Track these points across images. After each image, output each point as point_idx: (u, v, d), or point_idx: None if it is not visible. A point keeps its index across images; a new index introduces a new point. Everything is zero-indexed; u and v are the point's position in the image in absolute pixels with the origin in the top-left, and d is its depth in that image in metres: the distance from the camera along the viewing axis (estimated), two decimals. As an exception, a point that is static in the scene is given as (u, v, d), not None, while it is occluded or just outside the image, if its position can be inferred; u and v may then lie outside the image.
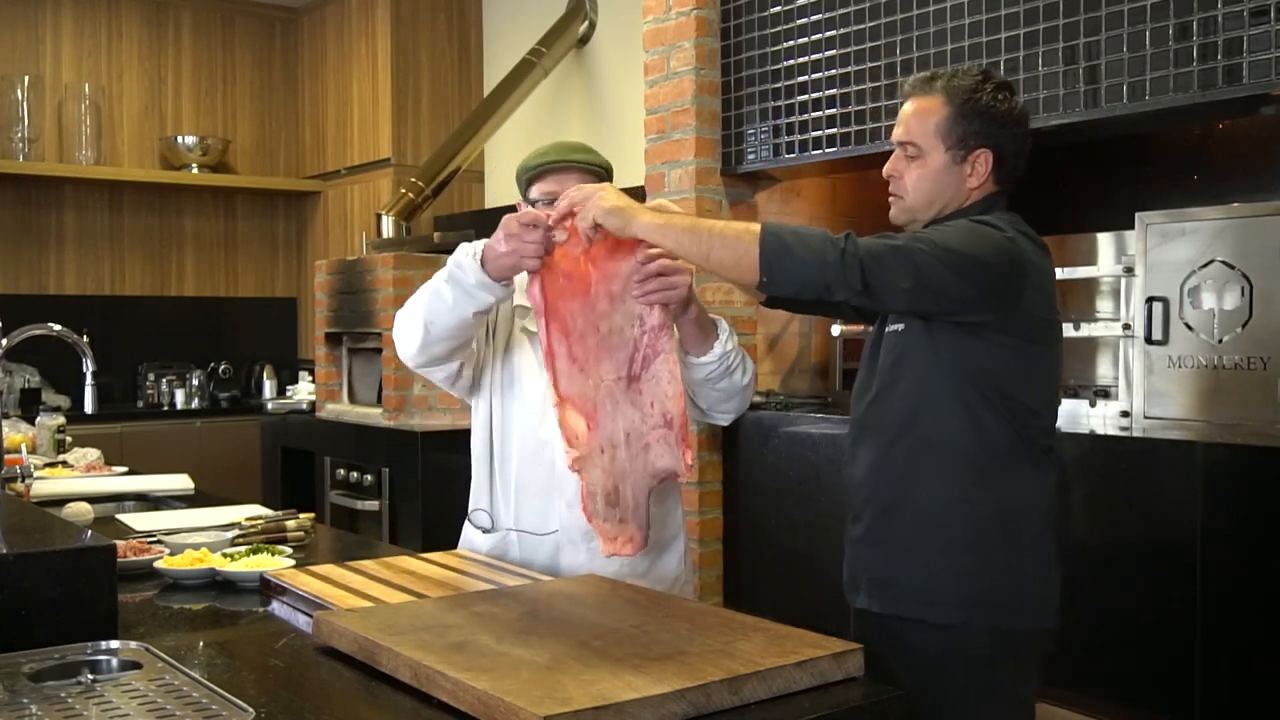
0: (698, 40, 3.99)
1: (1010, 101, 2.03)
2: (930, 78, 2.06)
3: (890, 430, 2.00)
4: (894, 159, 2.08)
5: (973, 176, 2.02)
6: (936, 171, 2.03)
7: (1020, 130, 2.04)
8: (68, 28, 6.23)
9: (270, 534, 2.44)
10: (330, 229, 6.62)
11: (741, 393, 2.18)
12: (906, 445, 1.98)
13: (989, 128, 2.01)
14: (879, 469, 2.02)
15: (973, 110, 2.00)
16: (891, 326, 2.02)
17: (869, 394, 2.06)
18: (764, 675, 1.42)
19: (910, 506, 1.98)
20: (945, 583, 1.94)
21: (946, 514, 1.94)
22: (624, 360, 1.88)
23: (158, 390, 6.40)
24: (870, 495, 2.04)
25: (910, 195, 2.06)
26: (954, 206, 2.04)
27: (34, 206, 6.22)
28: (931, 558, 1.95)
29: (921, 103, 2.04)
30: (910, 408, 1.97)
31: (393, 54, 5.99)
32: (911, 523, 1.98)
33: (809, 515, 3.57)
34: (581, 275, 1.88)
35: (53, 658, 1.54)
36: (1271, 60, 2.67)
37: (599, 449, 1.87)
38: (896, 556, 1.99)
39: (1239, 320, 2.82)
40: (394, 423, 4.88)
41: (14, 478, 3.05)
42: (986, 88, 2.01)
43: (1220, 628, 2.66)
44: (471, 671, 1.41)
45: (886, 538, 2.01)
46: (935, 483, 1.95)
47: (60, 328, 2.93)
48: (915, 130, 2.04)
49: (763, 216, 4.14)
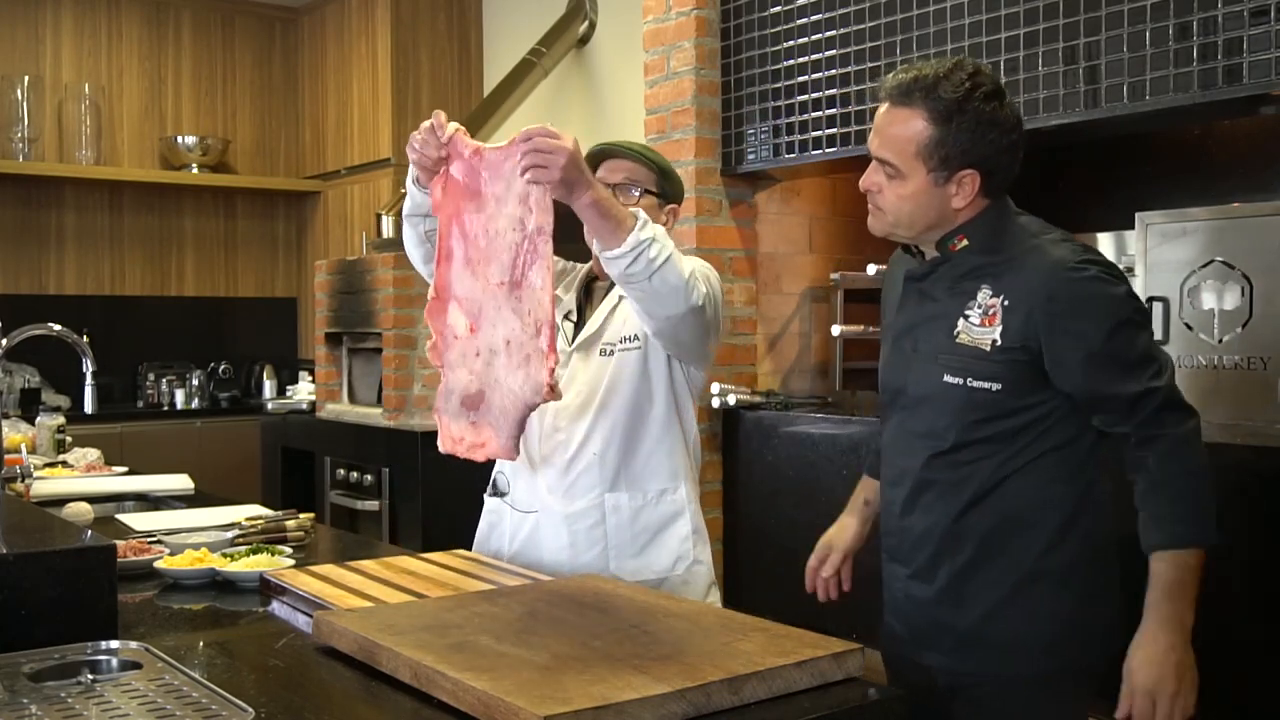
0: (698, 40, 3.99)
1: (1001, 109, 1.82)
2: (909, 86, 1.83)
3: (972, 486, 1.88)
4: (870, 172, 1.89)
5: (958, 196, 1.85)
6: (917, 194, 1.85)
7: (1012, 139, 1.84)
8: (68, 28, 6.22)
9: (270, 534, 2.44)
10: (330, 229, 6.62)
11: (671, 293, 1.95)
12: (995, 503, 1.87)
13: (977, 145, 1.81)
14: (956, 528, 1.90)
15: (959, 128, 1.80)
16: (978, 383, 1.84)
17: (939, 444, 1.89)
18: (764, 675, 1.42)
19: (1000, 560, 1.88)
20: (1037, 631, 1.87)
21: (1040, 563, 1.87)
22: (507, 264, 1.85)
23: (158, 390, 6.39)
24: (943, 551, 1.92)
25: (891, 213, 1.89)
26: (944, 224, 1.89)
27: (34, 206, 6.22)
28: (1027, 608, 1.87)
29: (899, 114, 1.84)
30: (1002, 471, 1.86)
31: (393, 54, 5.98)
32: (997, 579, 1.88)
33: (809, 515, 3.57)
34: (475, 178, 1.88)
35: (53, 658, 1.54)
36: (1271, 60, 2.67)
37: (474, 352, 1.86)
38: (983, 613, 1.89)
39: (1239, 320, 2.82)
40: (394, 423, 4.88)
41: (14, 478, 3.05)
42: (975, 97, 1.80)
43: (1220, 628, 2.66)
44: (471, 671, 1.41)
45: (977, 592, 1.90)
46: (1027, 535, 1.87)
47: (60, 328, 2.93)
48: (891, 147, 1.84)
49: (763, 216, 4.14)
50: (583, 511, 2.22)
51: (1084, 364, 1.78)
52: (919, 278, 1.97)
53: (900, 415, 1.97)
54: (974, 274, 1.88)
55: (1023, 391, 1.82)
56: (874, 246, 4.43)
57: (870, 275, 3.77)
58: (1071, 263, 1.80)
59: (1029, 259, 1.84)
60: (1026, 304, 1.80)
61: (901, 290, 2.03)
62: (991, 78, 1.86)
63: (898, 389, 1.98)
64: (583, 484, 2.23)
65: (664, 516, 2.25)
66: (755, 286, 4.13)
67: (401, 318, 4.95)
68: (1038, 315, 1.79)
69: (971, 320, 1.85)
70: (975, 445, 1.86)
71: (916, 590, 1.95)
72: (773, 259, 4.19)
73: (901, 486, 1.96)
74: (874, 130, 1.89)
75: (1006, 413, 1.83)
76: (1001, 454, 1.85)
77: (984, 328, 1.84)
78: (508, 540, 2.33)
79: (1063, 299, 1.78)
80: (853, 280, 3.98)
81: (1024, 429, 1.84)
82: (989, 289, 1.85)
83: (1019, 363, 1.81)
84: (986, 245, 1.88)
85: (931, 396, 1.90)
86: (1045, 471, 1.85)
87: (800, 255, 4.26)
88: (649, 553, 2.23)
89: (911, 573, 1.96)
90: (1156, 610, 1.75)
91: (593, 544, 2.22)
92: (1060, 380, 1.81)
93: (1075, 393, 1.81)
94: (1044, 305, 1.79)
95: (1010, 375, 1.82)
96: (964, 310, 1.87)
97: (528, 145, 1.79)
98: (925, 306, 1.95)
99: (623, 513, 2.22)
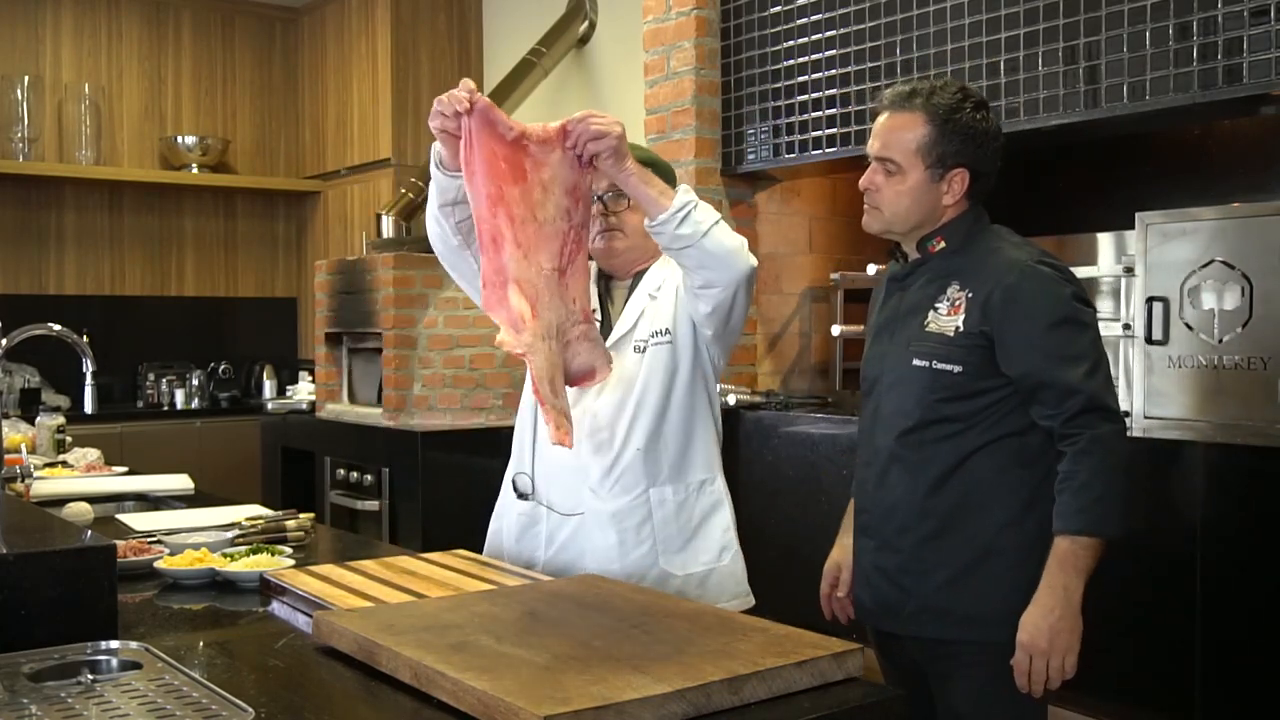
0: (698, 40, 3.99)
1: (988, 120, 2.06)
2: (910, 94, 2.07)
3: (937, 465, 2.04)
4: (871, 172, 2.10)
5: (948, 194, 2.06)
6: (915, 189, 2.06)
7: (995, 146, 2.08)
8: (68, 28, 6.22)
9: (270, 534, 2.44)
10: (330, 229, 6.62)
11: (715, 259, 2.06)
12: (958, 483, 2.03)
13: (968, 147, 2.04)
14: (922, 504, 2.06)
15: (953, 130, 2.03)
16: (941, 365, 2.03)
17: (905, 421, 2.07)
18: (764, 675, 1.42)
19: (961, 535, 2.04)
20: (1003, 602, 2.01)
21: (998, 539, 2.02)
22: (556, 252, 1.90)
23: (158, 390, 6.39)
24: (908, 524, 2.08)
25: (887, 210, 2.09)
26: (930, 222, 2.09)
27: (34, 206, 6.22)
28: (986, 581, 2.03)
29: (900, 119, 2.06)
30: (961, 450, 2.03)
31: (393, 54, 5.98)
32: (965, 549, 2.04)
33: (809, 515, 3.57)
34: (520, 164, 1.89)
35: (53, 658, 1.54)
36: (1271, 60, 2.67)
37: (542, 335, 1.88)
38: (948, 581, 2.05)
39: (1239, 320, 2.82)
40: (394, 423, 4.88)
41: (14, 478, 3.04)
42: (966, 107, 2.04)
43: (1220, 627, 2.67)
44: (471, 671, 1.41)
45: (939, 563, 2.05)
46: (987, 513, 2.03)
47: (60, 328, 2.93)
48: (894, 147, 2.06)
49: (763, 216, 4.14)
50: (629, 509, 2.22)
51: (1024, 351, 1.98)
52: (900, 278, 2.17)
53: (875, 401, 2.16)
54: (946, 272, 2.09)
55: (981, 375, 2.01)
56: (874, 247, 4.44)
57: (870, 275, 3.77)
58: (1028, 262, 2.02)
59: (993, 257, 2.05)
60: (985, 294, 2.01)
61: (885, 291, 2.23)
62: (978, 93, 2.12)
63: (875, 378, 2.17)
64: (626, 481, 2.22)
65: (706, 507, 2.28)
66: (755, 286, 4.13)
67: (401, 318, 4.94)
68: (993, 304, 2.00)
69: (940, 311, 2.06)
70: (938, 424, 2.04)
71: (883, 560, 2.12)
72: (773, 259, 4.19)
73: (873, 466, 2.14)
74: (874, 135, 2.10)
75: (966, 394, 2.02)
76: (962, 435, 2.03)
77: (950, 316, 2.05)
78: (544, 543, 2.29)
79: (1014, 291, 1.99)
80: (852, 280, 3.98)
81: (982, 411, 2.02)
82: (958, 284, 2.06)
83: (978, 348, 2.01)
84: (960, 246, 2.10)
85: (902, 380, 2.09)
86: (1003, 456, 2.02)
87: (800, 255, 4.26)
88: (694, 544, 2.25)
89: (879, 545, 2.13)
90: (1048, 580, 1.94)
91: (640, 541, 2.21)
92: (1005, 365, 2.00)
93: (1016, 378, 1.99)
94: (999, 295, 1.99)
95: (970, 360, 2.01)
96: (935, 303, 2.07)
97: (583, 126, 1.88)
98: (903, 303, 2.14)
99: (668, 506, 2.24)
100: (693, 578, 2.22)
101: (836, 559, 2.32)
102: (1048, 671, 1.93)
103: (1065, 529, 1.93)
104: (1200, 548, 2.69)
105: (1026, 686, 1.95)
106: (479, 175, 1.88)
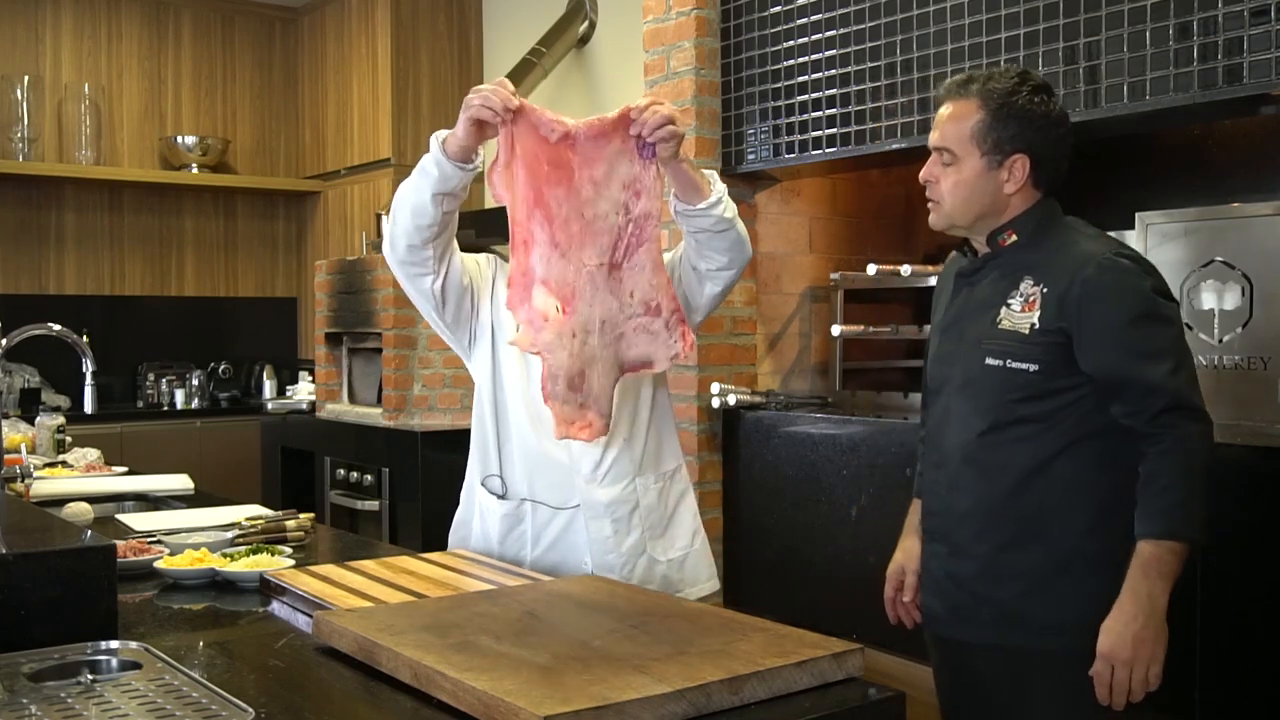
0: (698, 40, 3.99)
1: (1048, 103, 2.00)
2: (966, 81, 2.03)
3: (1014, 468, 1.98)
4: (929, 164, 2.06)
5: (1010, 182, 2.01)
6: (972, 178, 2.01)
7: (1059, 132, 2.01)
8: (68, 28, 6.22)
9: (270, 534, 2.44)
10: (330, 229, 6.62)
11: (741, 243, 2.15)
12: (1037, 486, 1.97)
13: (1025, 131, 1.98)
14: (999, 509, 2.00)
15: (1009, 114, 1.97)
16: (1016, 364, 1.97)
17: (980, 423, 2.01)
18: (764, 675, 1.42)
19: (1041, 541, 1.98)
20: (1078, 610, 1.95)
21: (1080, 544, 1.96)
22: (607, 246, 1.92)
23: (158, 390, 6.39)
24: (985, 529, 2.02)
25: (947, 201, 2.04)
26: (995, 213, 2.03)
27: (34, 206, 6.21)
28: (1067, 588, 1.97)
29: (957, 107, 2.02)
30: (1040, 453, 1.97)
31: (393, 54, 5.98)
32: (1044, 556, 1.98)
33: (809, 515, 3.57)
34: (565, 163, 1.90)
35: (52, 658, 1.54)
36: (1271, 60, 2.67)
37: (570, 333, 1.90)
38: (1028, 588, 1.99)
39: (1239, 320, 2.82)
40: (394, 423, 4.88)
41: (14, 478, 3.05)
42: (1023, 90, 1.98)
43: (1220, 627, 2.66)
44: (471, 671, 1.41)
45: (1017, 570, 2.00)
46: (1068, 518, 1.97)
47: (60, 328, 2.93)
48: (950, 135, 2.02)
49: (763, 216, 4.14)
50: (620, 499, 2.25)
51: (1104, 347, 1.90)
52: (969, 274, 2.11)
53: (945, 401, 2.09)
54: (1019, 267, 2.01)
55: (1058, 374, 1.94)
56: (874, 246, 4.44)
57: (870, 275, 3.77)
58: (1106, 254, 1.94)
59: (1069, 251, 1.98)
60: (1062, 290, 1.93)
61: (952, 287, 2.16)
62: (1040, 77, 2.05)
63: (945, 377, 2.10)
64: (616, 472, 2.26)
65: (678, 493, 2.35)
66: (755, 286, 4.13)
67: (401, 318, 4.95)
68: (1071, 300, 1.92)
69: (1013, 307, 1.99)
70: (1014, 425, 1.97)
71: (957, 567, 2.05)
72: (773, 259, 4.19)
73: (945, 468, 2.08)
74: (934, 126, 2.06)
75: (1043, 394, 1.95)
76: (1041, 436, 1.96)
77: (1024, 313, 1.97)
78: (530, 542, 2.30)
79: (1094, 285, 1.91)
80: (853, 280, 3.98)
81: (1061, 411, 1.95)
82: (1031, 279, 1.98)
83: (1055, 345, 1.93)
84: (1033, 240, 2.03)
85: (975, 380, 2.02)
86: (1084, 458, 1.95)
87: (800, 255, 4.26)
88: (672, 530, 2.32)
89: (952, 550, 2.06)
90: (1130, 586, 1.87)
91: (631, 529, 2.26)
92: (1084, 362, 1.92)
93: (1096, 376, 1.92)
94: (1077, 290, 1.92)
95: (1047, 357, 1.94)
96: (1007, 299, 2.00)
97: (649, 114, 1.90)
98: (973, 299, 2.08)
99: (650, 494, 2.29)
100: (674, 562, 2.30)
101: (900, 562, 2.25)
102: (1130, 682, 1.86)
103: (1149, 533, 1.86)
104: (1200, 547, 2.68)
105: (1108, 698, 1.88)
106: (521, 181, 1.88)
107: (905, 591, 2.22)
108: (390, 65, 5.98)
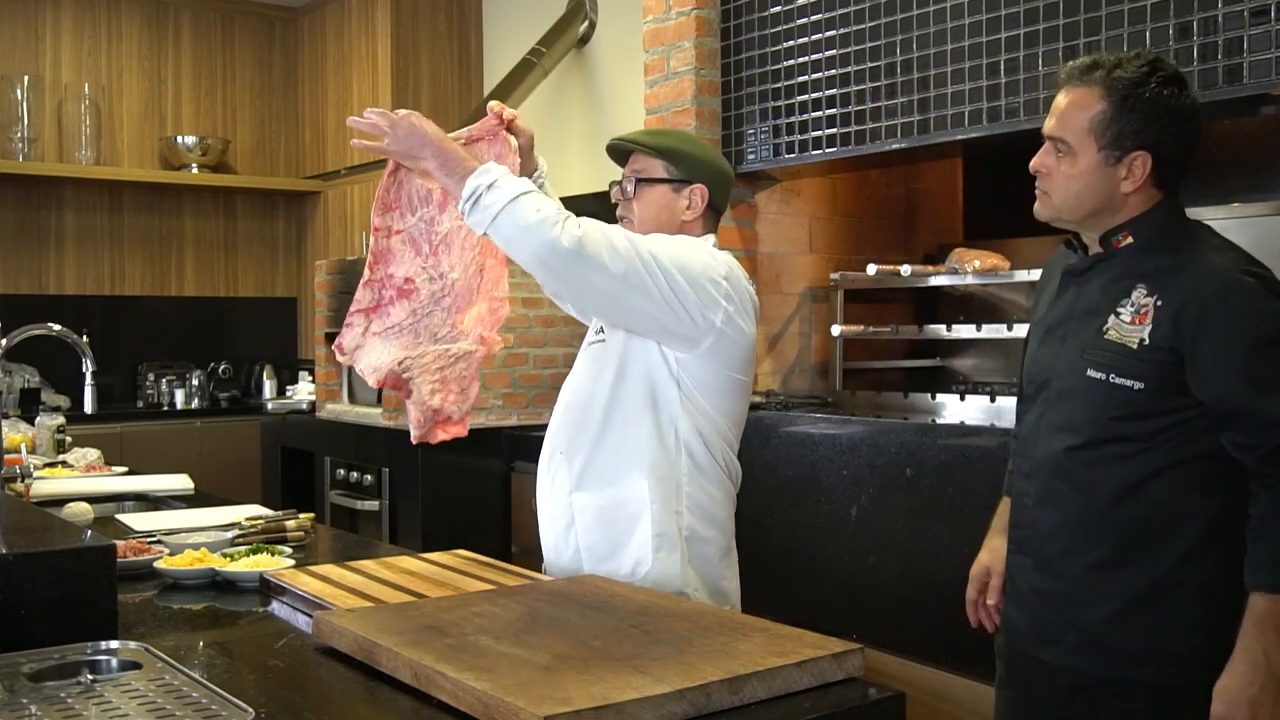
0: (698, 40, 3.99)
1: (1179, 96, 1.83)
2: (1091, 66, 1.86)
3: (1109, 487, 1.84)
4: (1042, 153, 1.90)
5: (1128, 180, 1.84)
6: (1086, 172, 1.85)
7: (1188, 128, 1.85)
8: (68, 28, 6.22)
9: (270, 534, 2.44)
10: (330, 229, 6.62)
11: (525, 233, 1.87)
12: (1133, 507, 1.83)
13: (1150, 127, 1.81)
14: (1091, 528, 1.86)
15: (1133, 107, 1.81)
16: (1120, 380, 1.81)
17: (1074, 436, 1.87)
18: (764, 675, 1.41)
19: (1136, 564, 1.84)
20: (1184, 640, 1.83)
21: (1177, 571, 1.82)
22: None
23: (158, 390, 6.39)
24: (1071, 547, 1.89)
25: (1057, 195, 1.88)
26: (1109, 212, 1.87)
27: (34, 206, 6.21)
28: (1160, 616, 1.83)
29: (1077, 94, 1.85)
30: (1139, 472, 1.82)
31: (393, 54, 5.98)
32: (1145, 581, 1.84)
33: (809, 515, 3.57)
34: None
35: (52, 658, 1.54)
36: (1271, 60, 2.67)
37: None
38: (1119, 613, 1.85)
39: (1239, 320, 2.81)
40: (394, 423, 4.87)
41: (14, 478, 3.05)
42: (1152, 81, 1.81)
43: (1220, 628, 2.66)
44: (471, 671, 1.41)
45: (1108, 593, 1.86)
46: (1165, 543, 1.83)
47: (60, 328, 2.93)
48: (1066, 125, 1.85)
49: (763, 216, 4.14)
50: (559, 512, 2.16)
51: (1221, 373, 1.74)
52: (1077, 273, 1.95)
53: (1041, 408, 1.95)
54: (1133, 273, 1.85)
55: (1166, 394, 1.79)
56: (874, 246, 4.44)
57: (870, 275, 3.77)
58: (1232, 270, 1.78)
59: (1190, 262, 1.81)
60: (1179, 306, 1.78)
61: (1058, 284, 2.00)
62: (1173, 67, 1.87)
63: (1043, 382, 1.96)
64: (557, 484, 2.17)
65: (628, 518, 2.07)
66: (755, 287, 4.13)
67: (401, 318, 4.94)
68: (1187, 318, 1.76)
69: (1123, 318, 1.83)
70: (1112, 443, 1.83)
71: (1043, 584, 1.93)
72: (773, 259, 4.19)
73: (1036, 479, 1.94)
74: (1051, 113, 1.89)
75: (1147, 413, 1.80)
76: (1140, 455, 1.81)
77: (1134, 326, 1.82)
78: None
79: (1214, 305, 1.75)
80: (852, 280, 3.98)
81: (1164, 431, 1.80)
82: (1145, 288, 1.83)
83: (1165, 364, 1.78)
84: (1150, 244, 1.86)
85: (1073, 390, 1.88)
86: (1188, 479, 1.81)
87: (800, 255, 4.26)
88: (616, 556, 2.08)
89: (1039, 566, 1.93)
90: (1244, 643, 1.73)
91: (568, 545, 2.15)
92: (1197, 388, 1.77)
93: (1209, 403, 1.77)
94: (1195, 309, 1.76)
95: (1154, 375, 1.79)
96: (1116, 307, 1.85)
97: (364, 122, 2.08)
98: (1079, 301, 1.92)
99: (588, 513, 2.11)
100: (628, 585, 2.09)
101: (985, 562, 2.12)
102: None
103: (1262, 585, 1.70)
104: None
105: None
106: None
107: (990, 594, 2.09)
108: (390, 65, 5.98)
